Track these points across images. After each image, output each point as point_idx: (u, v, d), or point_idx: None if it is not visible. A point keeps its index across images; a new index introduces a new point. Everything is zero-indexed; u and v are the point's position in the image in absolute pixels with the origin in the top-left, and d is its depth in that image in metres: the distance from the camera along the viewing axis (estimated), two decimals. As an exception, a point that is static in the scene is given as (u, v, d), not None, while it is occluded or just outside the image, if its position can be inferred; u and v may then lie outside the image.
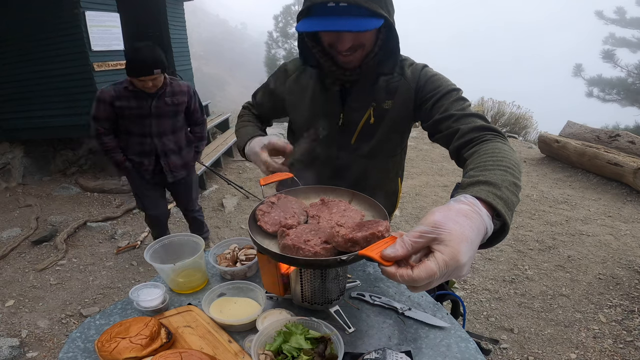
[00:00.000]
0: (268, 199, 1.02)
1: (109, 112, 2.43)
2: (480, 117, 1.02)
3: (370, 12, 0.95)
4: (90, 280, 3.06)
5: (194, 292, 1.16)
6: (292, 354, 0.82)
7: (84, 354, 0.93)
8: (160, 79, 2.39)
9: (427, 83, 1.13)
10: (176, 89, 2.56)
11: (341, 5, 0.94)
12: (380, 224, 0.80)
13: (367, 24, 0.95)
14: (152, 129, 2.55)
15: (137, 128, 2.54)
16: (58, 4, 4.16)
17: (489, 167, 0.79)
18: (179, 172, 2.76)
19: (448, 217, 0.61)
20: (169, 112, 2.55)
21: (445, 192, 4.75)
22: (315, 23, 0.98)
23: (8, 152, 4.95)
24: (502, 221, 0.68)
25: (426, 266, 0.57)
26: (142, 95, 2.43)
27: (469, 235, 0.60)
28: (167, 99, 2.51)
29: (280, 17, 22.87)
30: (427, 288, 0.60)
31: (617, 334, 2.38)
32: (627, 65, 11.12)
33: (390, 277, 0.59)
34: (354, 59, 1.08)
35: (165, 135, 2.61)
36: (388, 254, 0.59)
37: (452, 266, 0.57)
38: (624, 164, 4.46)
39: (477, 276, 3.00)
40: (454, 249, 0.57)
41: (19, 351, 2.33)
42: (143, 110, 2.47)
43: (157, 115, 2.52)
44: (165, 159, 2.65)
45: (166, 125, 2.58)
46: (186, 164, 2.78)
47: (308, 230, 0.86)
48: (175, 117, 2.61)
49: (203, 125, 2.86)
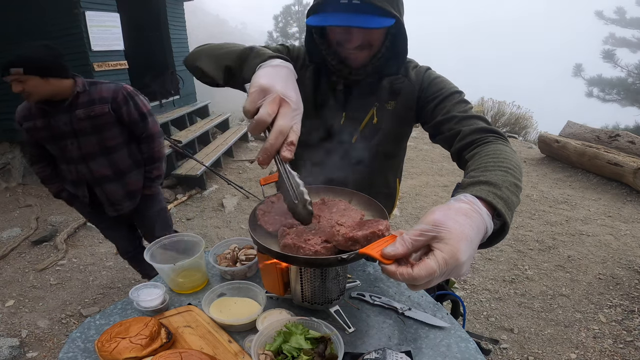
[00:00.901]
0: (268, 199, 1.02)
1: (25, 136, 1.96)
2: (482, 119, 1.02)
3: (382, 11, 0.96)
4: (90, 280, 3.06)
5: (194, 292, 1.16)
6: (292, 354, 0.82)
7: (84, 354, 0.93)
8: (31, 84, 1.74)
9: (430, 85, 1.14)
10: (95, 97, 1.89)
11: (354, 2, 0.95)
12: (381, 222, 0.80)
13: (379, 22, 0.95)
14: (72, 152, 1.94)
15: (57, 152, 1.97)
16: (58, 4, 4.16)
17: (490, 168, 0.80)
18: (123, 204, 2.10)
19: (448, 215, 0.61)
20: (87, 128, 1.89)
21: (446, 192, 4.75)
22: (327, 18, 0.99)
23: (8, 152, 4.95)
24: (502, 221, 0.69)
25: (426, 264, 0.57)
26: (48, 111, 1.87)
27: (469, 234, 0.60)
28: (80, 111, 1.86)
29: (280, 17, 22.89)
30: (427, 286, 0.60)
31: (617, 334, 2.38)
32: (627, 65, 11.12)
33: (390, 276, 0.60)
34: (360, 57, 1.08)
35: (92, 159, 1.97)
36: (388, 252, 0.60)
37: (451, 264, 0.57)
38: (624, 164, 4.46)
39: (477, 276, 3.00)
40: (453, 247, 0.57)
41: (19, 351, 2.33)
42: (53, 130, 1.89)
43: (72, 133, 1.90)
44: (100, 189, 2.04)
45: (91, 145, 1.94)
46: (132, 193, 2.12)
47: (308, 229, 0.86)
48: (102, 134, 1.93)
49: (152, 141, 2.09)
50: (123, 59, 4.90)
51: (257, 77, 0.75)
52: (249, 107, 0.72)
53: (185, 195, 4.59)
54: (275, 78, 0.75)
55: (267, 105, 0.71)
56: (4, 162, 4.89)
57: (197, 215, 4.22)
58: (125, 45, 4.89)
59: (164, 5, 6.01)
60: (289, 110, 0.72)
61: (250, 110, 0.72)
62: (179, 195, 4.62)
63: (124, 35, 4.82)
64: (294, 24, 22.77)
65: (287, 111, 0.71)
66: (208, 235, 3.78)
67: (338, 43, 1.07)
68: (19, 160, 5.00)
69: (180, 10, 6.66)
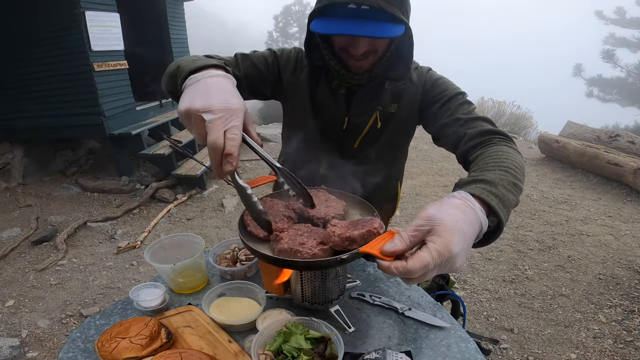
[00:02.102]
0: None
1: None
2: (487, 120, 1.01)
3: (391, 17, 0.92)
4: (90, 280, 3.06)
5: (194, 292, 1.16)
6: (292, 354, 0.82)
7: (84, 354, 0.93)
8: None
9: (433, 87, 1.12)
10: None
11: (363, 7, 0.90)
12: (375, 221, 0.80)
13: (389, 30, 0.91)
14: None
15: None
16: (58, 4, 4.16)
17: (490, 168, 0.80)
18: None
19: (441, 210, 0.62)
20: None
21: (446, 192, 4.75)
22: (334, 24, 0.93)
23: (8, 152, 4.95)
24: (498, 218, 0.69)
25: (419, 256, 0.58)
26: None
27: (462, 227, 0.61)
28: None
29: (280, 17, 22.88)
30: (422, 280, 0.60)
31: (617, 334, 2.38)
32: (627, 65, 11.13)
33: (385, 271, 0.60)
34: (365, 64, 1.05)
35: None
36: (388, 250, 0.61)
37: (445, 256, 0.58)
38: (624, 164, 4.45)
39: (477, 276, 3.00)
40: (446, 239, 0.58)
41: (19, 351, 2.33)
42: None
43: None
44: None
45: None
46: None
47: (300, 232, 0.86)
48: None
49: None
50: (123, 59, 4.90)
51: (180, 104, 0.73)
52: (195, 136, 0.71)
53: (185, 195, 4.59)
54: (194, 96, 0.72)
55: (193, 130, 0.70)
56: (4, 162, 4.89)
57: (197, 215, 4.22)
58: (125, 45, 4.89)
59: (164, 5, 6.01)
60: (214, 120, 0.67)
61: (198, 139, 0.71)
62: (179, 195, 4.62)
63: (124, 35, 4.82)
64: (294, 24, 22.76)
65: (213, 123, 0.67)
66: (208, 235, 3.78)
67: (342, 49, 1.04)
68: (19, 160, 5.00)
69: (180, 10, 6.65)
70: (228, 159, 0.67)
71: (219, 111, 0.68)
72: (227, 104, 0.70)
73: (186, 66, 0.82)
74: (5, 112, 4.75)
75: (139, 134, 4.75)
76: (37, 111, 4.67)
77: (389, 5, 0.90)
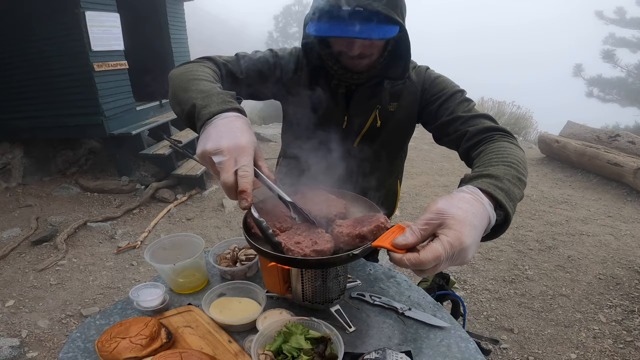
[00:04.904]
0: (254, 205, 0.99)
1: None
2: (488, 117, 1.02)
3: (385, 18, 0.93)
4: (90, 280, 3.06)
5: (194, 292, 1.16)
6: (292, 354, 0.82)
7: (84, 354, 0.93)
8: None
9: (432, 85, 1.13)
10: None
11: (357, 10, 0.91)
12: (380, 216, 0.82)
13: (384, 32, 0.93)
14: None
15: None
16: (58, 4, 4.16)
17: (494, 163, 0.81)
18: None
19: (451, 204, 0.63)
20: None
21: (446, 192, 4.75)
22: (329, 27, 0.95)
23: (8, 152, 4.94)
24: (504, 212, 0.70)
25: (432, 248, 0.59)
26: None
27: (472, 220, 0.62)
28: None
29: (280, 17, 22.86)
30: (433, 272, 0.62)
31: (617, 334, 2.38)
32: (627, 65, 11.13)
33: (397, 263, 0.62)
34: (361, 65, 1.07)
35: None
36: (400, 242, 0.62)
37: (457, 247, 0.59)
38: (624, 164, 4.45)
39: (477, 276, 3.00)
40: (457, 231, 0.59)
41: (19, 351, 2.33)
42: None
43: None
44: None
45: None
46: None
47: (299, 232, 0.86)
48: None
49: None
50: (123, 59, 4.89)
51: (198, 148, 0.76)
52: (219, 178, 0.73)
53: (185, 195, 4.59)
54: (207, 140, 0.74)
55: (212, 171, 0.74)
56: (4, 162, 4.89)
57: (197, 215, 4.22)
58: (125, 46, 4.89)
59: (164, 5, 6.01)
60: (224, 162, 0.70)
61: (217, 179, 0.74)
62: (179, 195, 4.62)
63: (124, 35, 4.82)
64: (294, 24, 22.76)
65: (223, 164, 0.70)
66: (208, 235, 3.78)
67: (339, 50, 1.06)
68: (19, 160, 5.00)
69: (180, 10, 6.65)
70: (242, 196, 0.70)
71: (228, 152, 0.71)
72: (236, 143, 0.72)
73: (202, 107, 0.81)
74: (5, 112, 4.75)
75: (139, 134, 4.75)
76: (37, 111, 4.66)
77: (383, 7, 0.92)
